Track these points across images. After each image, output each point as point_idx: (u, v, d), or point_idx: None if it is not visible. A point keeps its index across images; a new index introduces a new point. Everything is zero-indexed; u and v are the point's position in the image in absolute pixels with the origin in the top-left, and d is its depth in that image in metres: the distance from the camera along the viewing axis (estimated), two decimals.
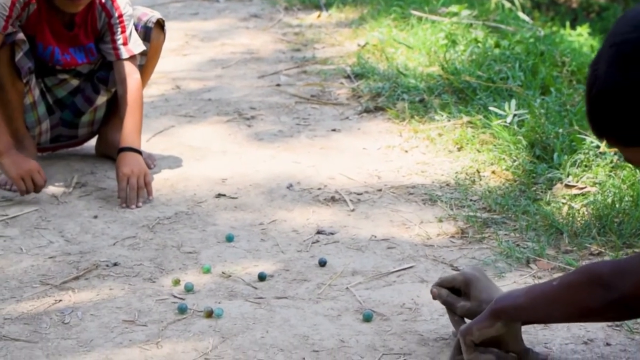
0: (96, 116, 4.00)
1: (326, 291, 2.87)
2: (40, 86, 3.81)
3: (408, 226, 3.33)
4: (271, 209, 3.50)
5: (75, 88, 3.89)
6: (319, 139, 4.25)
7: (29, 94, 3.74)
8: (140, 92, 3.72)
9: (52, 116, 3.90)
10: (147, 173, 3.58)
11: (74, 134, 4.01)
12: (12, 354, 2.53)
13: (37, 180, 3.55)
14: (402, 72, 4.96)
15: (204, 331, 2.63)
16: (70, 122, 3.96)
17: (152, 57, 3.93)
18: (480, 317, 2.33)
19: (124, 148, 3.62)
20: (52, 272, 3.02)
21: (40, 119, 3.84)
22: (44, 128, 3.88)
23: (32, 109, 3.80)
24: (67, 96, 3.90)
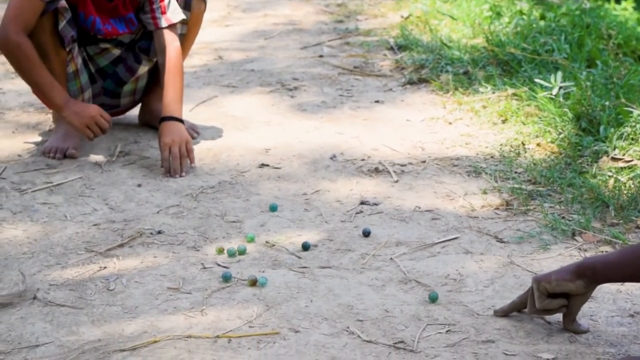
0: (138, 85, 4.00)
1: (370, 261, 2.86)
2: (82, 55, 3.81)
3: (452, 198, 3.31)
4: (314, 180, 3.49)
5: (117, 57, 3.89)
6: (362, 110, 4.23)
7: (72, 63, 3.75)
8: (180, 60, 3.71)
9: (94, 85, 3.91)
10: (189, 141, 3.58)
11: (117, 103, 4.01)
12: (57, 320, 2.54)
13: (102, 124, 3.63)
14: (446, 44, 4.92)
15: (248, 299, 2.63)
16: (113, 92, 3.96)
17: (192, 26, 3.90)
18: (563, 269, 2.32)
19: (166, 117, 3.61)
20: (96, 240, 3.03)
21: (83, 88, 3.85)
22: (87, 97, 3.88)
23: (75, 77, 3.81)
24: (109, 65, 3.90)
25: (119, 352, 2.38)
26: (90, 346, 2.41)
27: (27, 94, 4.46)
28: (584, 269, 2.32)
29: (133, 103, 4.08)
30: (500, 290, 2.66)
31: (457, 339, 2.42)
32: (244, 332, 2.46)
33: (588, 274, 2.32)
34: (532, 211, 3.18)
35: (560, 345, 2.38)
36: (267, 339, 2.43)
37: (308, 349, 2.38)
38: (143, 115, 4.06)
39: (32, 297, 2.65)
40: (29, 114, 4.23)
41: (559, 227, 3.02)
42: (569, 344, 2.39)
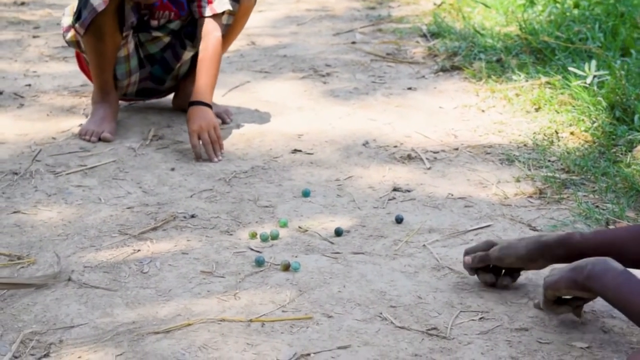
0: (180, 71, 4.01)
1: (403, 248, 2.86)
2: (135, 40, 3.83)
3: (485, 185, 3.30)
4: (347, 166, 3.49)
5: (166, 44, 3.90)
6: (395, 97, 4.23)
7: (125, 47, 3.77)
8: (218, 49, 3.70)
9: (143, 70, 3.92)
10: (216, 126, 3.58)
11: (159, 88, 4.03)
12: (92, 301, 2.56)
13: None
14: (479, 31, 4.91)
15: (281, 284, 2.64)
16: (159, 78, 3.98)
17: (240, 18, 3.88)
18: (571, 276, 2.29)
19: (194, 102, 3.62)
20: (130, 222, 3.05)
21: (132, 72, 3.87)
22: (133, 80, 3.91)
23: (125, 61, 3.83)
24: (158, 52, 3.92)
25: (153, 334, 2.39)
26: (124, 328, 2.42)
27: (62, 77, 4.49)
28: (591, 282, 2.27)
29: (172, 88, 4.09)
30: (533, 278, 2.65)
31: (490, 327, 2.41)
32: (277, 317, 2.47)
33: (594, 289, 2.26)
34: (566, 200, 3.16)
35: (594, 335, 2.37)
36: (300, 323, 2.44)
37: (341, 334, 2.38)
38: (177, 99, 4.07)
39: (67, 278, 2.67)
40: (63, 97, 4.26)
41: (592, 216, 3.01)
42: (603, 333, 2.38)
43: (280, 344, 2.34)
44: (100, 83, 3.81)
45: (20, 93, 4.32)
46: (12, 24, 5.63)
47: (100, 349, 2.33)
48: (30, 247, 2.88)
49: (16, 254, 2.83)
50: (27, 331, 2.41)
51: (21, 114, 4.04)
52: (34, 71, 4.69)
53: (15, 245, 2.89)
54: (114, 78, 3.84)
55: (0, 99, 4.23)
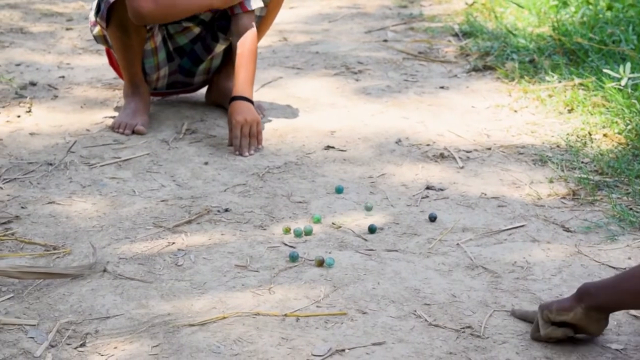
0: (212, 64, 4.02)
1: (437, 246, 2.86)
2: (162, 33, 3.84)
3: (518, 185, 3.30)
4: (380, 163, 3.50)
5: (196, 36, 3.91)
6: (427, 96, 4.23)
7: (151, 40, 3.78)
8: (254, 44, 3.71)
9: (171, 63, 3.93)
10: (259, 122, 3.59)
11: (190, 81, 4.04)
12: (127, 293, 2.57)
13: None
14: (512, 31, 4.90)
15: (315, 279, 2.65)
16: (188, 70, 3.99)
17: (272, 10, 3.89)
18: (566, 297, 2.29)
19: (237, 97, 3.63)
20: (164, 215, 3.06)
21: (160, 65, 3.88)
22: (162, 74, 3.92)
23: (153, 54, 3.84)
24: (187, 44, 3.93)
25: (188, 326, 2.40)
26: (159, 320, 2.44)
27: (95, 70, 4.51)
28: (580, 294, 2.25)
29: (204, 82, 4.10)
30: (568, 279, 2.65)
31: (525, 327, 2.41)
32: (311, 312, 2.48)
33: (585, 299, 2.24)
34: (599, 202, 3.16)
35: (629, 337, 2.37)
36: (334, 319, 2.44)
37: (375, 331, 2.39)
38: (210, 93, 4.08)
39: (102, 269, 2.69)
40: (97, 90, 4.28)
41: (627, 219, 3.00)
42: (638, 335, 2.37)
43: (314, 339, 2.35)
44: (129, 76, 3.84)
45: (54, 85, 4.34)
46: (46, 16, 5.66)
47: (135, 340, 2.35)
48: (65, 237, 2.90)
49: (52, 244, 2.85)
50: (64, 321, 2.43)
51: (55, 105, 4.07)
52: (68, 63, 4.71)
53: (50, 236, 2.91)
54: (143, 72, 3.85)
55: (34, 90, 4.25)
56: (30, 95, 4.16)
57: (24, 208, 3.09)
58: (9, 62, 4.67)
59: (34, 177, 3.33)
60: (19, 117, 3.89)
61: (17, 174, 3.35)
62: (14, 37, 5.16)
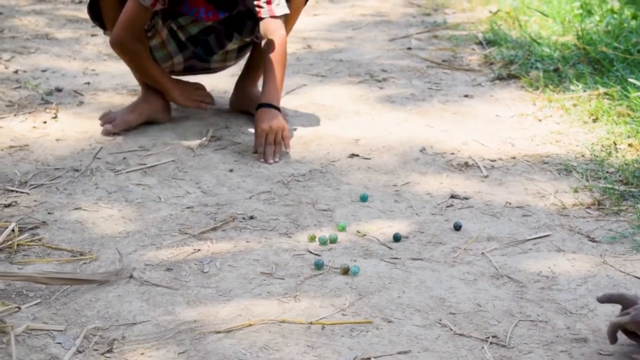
0: (227, 57, 4.02)
1: (461, 255, 2.86)
2: (168, 27, 3.84)
3: (543, 195, 3.30)
4: (404, 171, 3.50)
5: (209, 27, 3.90)
6: (451, 104, 4.23)
7: (157, 36, 3.80)
8: (283, 49, 3.71)
9: (185, 51, 3.93)
10: (286, 128, 3.60)
11: (206, 66, 4.05)
12: (154, 299, 2.59)
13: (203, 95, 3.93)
14: (536, 40, 4.90)
15: (341, 287, 2.66)
16: (203, 58, 3.99)
17: (293, 11, 3.86)
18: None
19: (263, 104, 3.64)
20: (190, 222, 3.07)
21: (172, 54, 3.90)
22: (177, 61, 3.93)
23: (162, 47, 3.86)
24: (200, 33, 3.91)
25: (214, 333, 2.41)
26: (186, 327, 2.45)
27: (120, 76, 4.54)
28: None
29: (222, 68, 4.11)
30: (594, 289, 2.65)
31: (550, 337, 2.41)
32: (337, 320, 2.48)
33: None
34: (625, 212, 3.15)
35: None
36: (360, 327, 2.45)
37: (401, 339, 2.39)
38: (236, 99, 4.09)
39: (129, 276, 2.70)
40: (122, 96, 4.30)
41: None
42: None
43: (340, 347, 2.36)
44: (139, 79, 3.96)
45: (80, 91, 4.37)
46: (71, 22, 5.69)
47: (162, 347, 2.36)
48: (92, 243, 2.92)
49: (78, 250, 2.86)
50: (91, 326, 2.44)
51: (81, 111, 4.09)
52: (93, 69, 4.73)
53: (77, 242, 2.92)
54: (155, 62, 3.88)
55: (60, 96, 4.28)
56: (56, 101, 4.18)
57: (50, 214, 3.11)
58: (34, 68, 4.70)
59: (60, 183, 3.35)
60: (45, 123, 3.91)
61: (44, 180, 3.37)
62: (40, 43, 5.19)
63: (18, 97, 4.25)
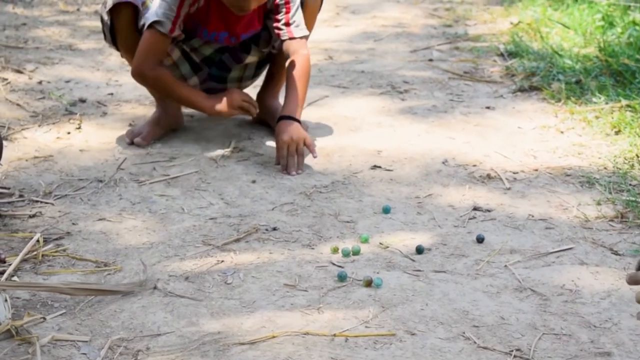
0: (245, 73, 4.02)
1: (484, 268, 2.86)
2: (180, 48, 3.85)
3: (566, 207, 3.30)
4: (426, 183, 3.51)
5: (222, 47, 3.90)
6: (473, 116, 4.23)
7: (167, 57, 3.81)
8: (307, 67, 3.72)
9: (200, 72, 3.94)
10: (307, 137, 3.60)
11: (223, 87, 4.05)
12: (178, 310, 2.60)
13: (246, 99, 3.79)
14: (558, 52, 4.89)
15: (364, 300, 2.66)
16: (219, 77, 3.98)
17: (307, 20, 3.85)
18: None
19: (283, 116, 3.65)
20: (213, 233, 3.09)
21: (186, 76, 3.91)
22: (192, 83, 3.94)
23: (175, 68, 3.88)
24: (214, 53, 3.91)
25: (238, 345, 2.42)
26: (210, 338, 2.46)
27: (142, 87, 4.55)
28: None
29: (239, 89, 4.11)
30: (617, 303, 2.64)
31: (574, 350, 2.41)
32: (360, 332, 2.49)
33: None
34: None
35: None
36: (383, 339, 2.46)
37: (424, 352, 2.40)
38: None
39: (153, 287, 2.72)
40: (145, 107, 4.32)
41: None
42: None
43: (363, 359, 2.36)
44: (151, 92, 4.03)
45: (103, 102, 4.39)
46: (94, 33, 5.72)
47: (186, 358, 2.37)
48: (116, 254, 2.93)
49: (103, 261, 2.88)
50: (115, 337, 2.46)
51: (104, 122, 4.11)
52: (116, 80, 4.76)
53: (101, 252, 2.94)
54: None
55: (83, 107, 4.31)
56: (80, 112, 4.21)
57: (74, 224, 3.13)
58: (58, 79, 4.73)
59: (84, 194, 3.37)
60: (69, 134, 3.94)
61: (68, 191, 3.39)
62: (63, 54, 5.22)
63: (42, 107, 4.28)
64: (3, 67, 4.81)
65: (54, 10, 6.35)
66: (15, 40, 5.42)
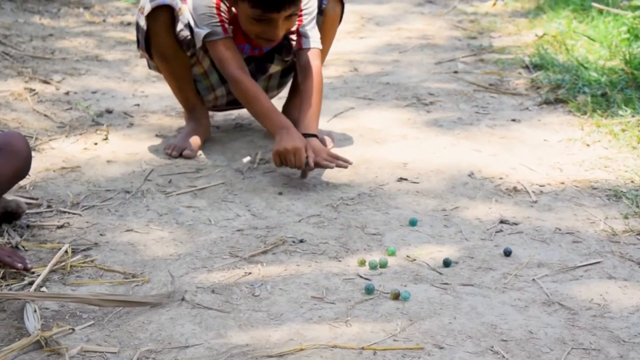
0: (269, 84, 4.04)
1: (512, 281, 2.86)
2: (210, 57, 3.86)
3: (593, 221, 3.29)
4: (453, 196, 3.50)
5: (248, 57, 3.92)
6: (499, 129, 4.23)
7: (198, 65, 3.83)
8: (319, 79, 3.72)
9: (227, 83, 3.96)
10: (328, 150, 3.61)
11: None
12: (206, 322, 2.60)
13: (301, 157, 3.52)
14: (583, 64, 4.88)
15: (392, 313, 2.66)
16: None
17: (328, 30, 3.88)
18: None
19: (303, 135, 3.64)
20: (240, 245, 3.09)
21: (214, 86, 3.93)
22: (219, 94, 3.96)
23: (204, 77, 3.90)
24: None
25: (266, 357, 2.43)
26: (238, 350, 2.46)
27: (169, 98, 4.57)
28: None
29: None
30: None
31: None
32: (388, 345, 2.49)
33: None
34: None
35: None
36: (411, 353, 2.45)
37: None
38: None
39: (181, 298, 2.72)
40: (171, 118, 4.34)
41: None
42: None
43: None
44: (181, 100, 4.00)
45: (130, 112, 4.41)
46: (120, 44, 5.75)
47: None
48: (143, 265, 2.94)
49: (130, 272, 2.89)
50: (144, 349, 2.46)
51: (131, 133, 4.13)
52: (142, 91, 4.78)
53: (129, 264, 2.95)
54: (198, 94, 3.92)
55: (110, 117, 4.33)
56: (107, 123, 4.23)
57: (102, 235, 3.14)
58: (85, 90, 4.76)
59: (111, 205, 3.38)
60: (96, 145, 3.95)
61: (95, 201, 3.41)
62: (90, 65, 5.25)
63: (69, 118, 4.30)
64: (30, 77, 4.84)
65: (80, 21, 6.39)
66: (42, 51, 5.45)
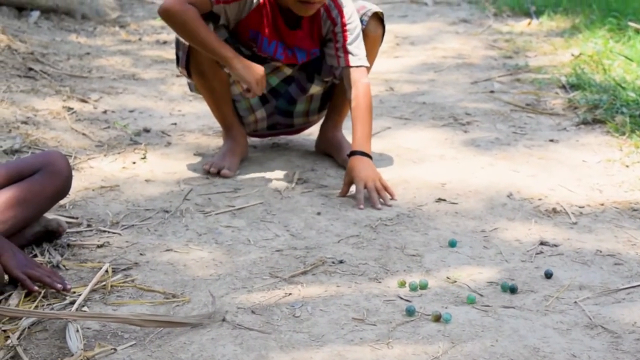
0: (311, 106, 4.05)
1: (554, 304, 2.84)
2: None
3: (634, 243, 3.27)
4: (492, 217, 3.49)
5: (288, 77, 3.94)
6: (537, 149, 4.21)
7: (238, 84, 3.82)
8: (368, 97, 3.74)
9: (267, 105, 3.99)
10: (381, 177, 3.62)
11: (290, 122, 4.09)
12: (247, 343, 2.60)
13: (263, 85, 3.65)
14: (621, 84, 4.86)
15: (433, 335, 2.65)
16: (285, 110, 4.03)
17: (369, 51, 3.87)
18: None
19: (356, 152, 3.66)
20: (280, 265, 3.09)
21: (254, 108, 3.95)
22: (259, 116, 3.98)
23: (243, 97, 3.91)
24: (280, 84, 3.96)
25: None
26: None
27: (205, 117, 4.59)
28: None
29: (307, 124, 4.15)
30: None
31: None
32: None
33: None
34: None
35: None
36: None
37: None
38: (320, 142, 4.13)
39: (221, 319, 2.72)
40: (209, 137, 4.35)
41: None
42: None
43: None
44: (219, 119, 4.00)
45: (167, 132, 4.43)
46: (156, 63, 5.78)
47: None
48: (184, 285, 2.94)
49: (171, 292, 2.89)
50: None
51: (169, 152, 4.15)
52: (179, 110, 4.80)
53: (169, 284, 2.96)
54: (238, 115, 3.93)
55: (147, 137, 4.35)
56: (145, 142, 4.25)
57: (142, 255, 3.15)
58: (122, 109, 4.78)
59: (151, 224, 3.39)
60: (134, 164, 3.97)
61: (135, 221, 3.42)
62: (127, 84, 5.28)
63: (107, 137, 4.32)
64: (68, 96, 4.87)
65: (116, 39, 6.43)
66: (79, 70, 5.49)
